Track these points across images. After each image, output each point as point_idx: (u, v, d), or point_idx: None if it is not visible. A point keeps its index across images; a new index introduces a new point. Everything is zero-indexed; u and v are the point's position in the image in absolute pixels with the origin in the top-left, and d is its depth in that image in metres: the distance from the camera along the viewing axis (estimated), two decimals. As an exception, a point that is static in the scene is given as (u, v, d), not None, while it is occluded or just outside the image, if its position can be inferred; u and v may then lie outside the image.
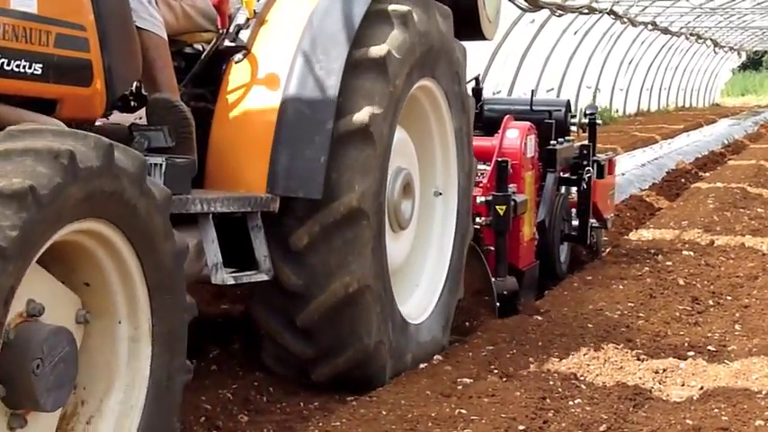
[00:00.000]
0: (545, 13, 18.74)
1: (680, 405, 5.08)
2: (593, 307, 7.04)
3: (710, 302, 7.36)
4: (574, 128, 8.55)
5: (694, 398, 5.19)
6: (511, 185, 6.96)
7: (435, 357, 5.84)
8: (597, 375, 5.52)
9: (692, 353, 6.00)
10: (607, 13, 22.29)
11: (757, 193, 13.37)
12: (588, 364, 5.66)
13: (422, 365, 5.68)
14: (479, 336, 6.33)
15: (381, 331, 5.21)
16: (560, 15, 19.60)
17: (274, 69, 5.03)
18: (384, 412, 4.82)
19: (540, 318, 6.73)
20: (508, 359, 5.77)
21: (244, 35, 5.16)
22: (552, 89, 23.12)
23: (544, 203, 7.94)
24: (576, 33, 23.76)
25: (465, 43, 6.12)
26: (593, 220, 8.55)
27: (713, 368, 5.66)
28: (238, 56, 5.08)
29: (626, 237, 10.12)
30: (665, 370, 5.63)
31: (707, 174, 16.12)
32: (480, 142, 7.18)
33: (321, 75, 4.93)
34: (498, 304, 6.76)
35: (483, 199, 6.88)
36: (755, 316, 6.91)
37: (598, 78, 28.07)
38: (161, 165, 4.28)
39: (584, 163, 8.39)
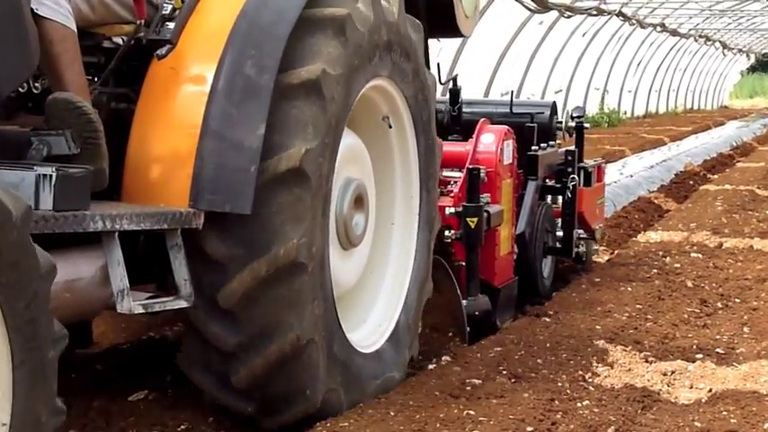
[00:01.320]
0: (553, 14, 18.76)
1: (688, 407, 5.07)
2: (602, 309, 7.03)
3: (719, 305, 7.34)
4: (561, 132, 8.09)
5: (703, 400, 5.18)
6: (484, 195, 6.48)
7: (443, 358, 5.84)
8: (605, 377, 5.52)
9: (700, 355, 5.99)
10: (616, 15, 22.29)
11: (766, 196, 13.34)
12: (596, 366, 5.66)
13: (430, 366, 5.69)
14: (487, 338, 6.33)
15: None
16: (569, 17, 19.61)
17: (201, 66, 4.43)
18: (392, 413, 4.82)
19: (548, 319, 6.73)
20: (516, 360, 5.76)
21: (170, 27, 4.52)
22: (561, 90, 23.11)
23: (524, 214, 7.37)
24: (584, 35, 23.75)
25: (477, 44, 6.12)
26: (580, 231, 8.08)
27: (722, 370, 5.65)
28: (162, 51, 4.40)
29: (634, 239, 10.11)
30: (673, 372, 5.62)
31: (715, 176, 16.10)
32: (453, 147, 6.83)
33: (253, 72, 4.33)
34: (468, 328, 6.19)
35: (453, 210, 6.38)
36: (764, 318, 6.89)
37: (606, 80, 28.05)
38: (50, 176, 3.65)
39: (569, 170, 7.88)
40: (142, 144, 4.37)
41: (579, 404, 5.00)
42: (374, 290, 5.36)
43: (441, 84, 7.12)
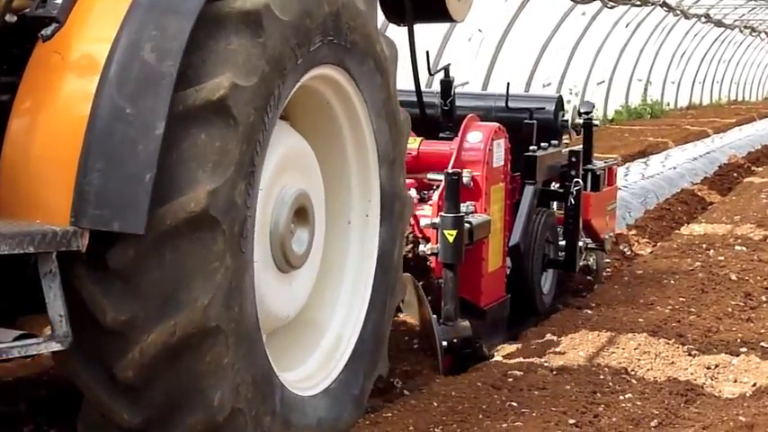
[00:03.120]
0: (596, 5, 18.63)
1: (732, 401, 5.05)
2: (644, 301, 7.00)
3: (763, 298, 7.29)
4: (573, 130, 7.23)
5: (747, 394, 5.16)
6: (467, 203, 5.68)
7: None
8: (648, 370, 5.50)
9: (744, 349, 5.96)
10: (659, 5, 22.09)
11: (811, 188, 13.21)
12: (639, 359, 5.65)
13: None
14: (529, 329, 6.33)
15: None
16: (612, 7, 19.45)
17: (91, 49, 3.59)
18: (435, 403, 4.84)
19: (589, 312, 6.72)
20: (558, 353, 5.76)
21: (57, 2, 3.66)
22: (603, 82, 22.98)
23: (519, 223, 6.51)
24: (627, 26, 23.58)
25: (518, 36, 5.92)
26: (587, 241, 7.26)
27: (766, 365, 5.61)
28: (47, 31, 3.56)
29: (677, 231, 10.05)
30: (716, 366, 5.60)
31: (760, 168, 15.96)
32: (437, 147, 6.16)
33: (152, 58, 3.49)
34: (443, 356, 5.46)
35: (429, 221, 5.63)
36: (809, 312, 6.84)
37: (650, 71, 27.85)
38: None
39: (572, 173, 6.96)
40: (18, 147, 3.55)
41: (621, 397, 4.99)
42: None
43: (430, 74, 6.78)
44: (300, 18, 3.90)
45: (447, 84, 6.66)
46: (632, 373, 5.45)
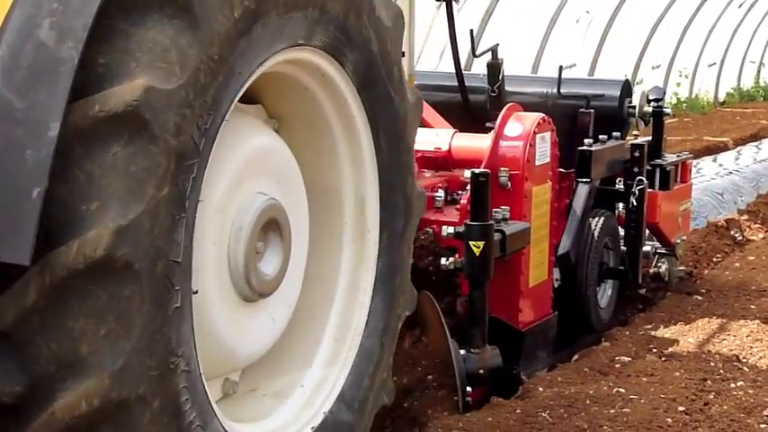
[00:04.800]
0: (709, -15, 18.26)
1: None
2: (756, 288, 6.88)
3: None
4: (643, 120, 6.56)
5: None
6: (500, 209, 4.94)
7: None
8: (760, 358, 5.41)
9: None
10: (774, -15, 21.53)
11: None
12: (751, 347, 5.56)
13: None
14: (637, 315, 6.26)
15: None
16: (725, -13, 19.03)
17: None
18: (541, 388, 4.83)
19: (699, 298, 6.63)
20: (667, 339, 5.69)
21: None
22: (714, 63, 22.52)
23: (570, 228, 5.78)
24: (740, 6, 23.04)
25: (627, 17, 5.53)
26: (656, 246, 6.66)
27: None
28: None
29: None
30: (832, 354, 5.47)
31: None
32: (471, 141, 5.45)
33: (51, 38, 2.73)
34: (469, 391, 4.67)
35: (451, 231, 4.81)
36: None
37: (762, 53, 27.17)
38: None
39: (635, 170, 6.22)
40: None
41: (733, 384, 4.92)
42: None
43: (475, 56, 6.21)
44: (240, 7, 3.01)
45: (494, 66, 6.00)
46: (744, 360, 5.36)
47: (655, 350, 5.49)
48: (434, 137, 5.47)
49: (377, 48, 3.60)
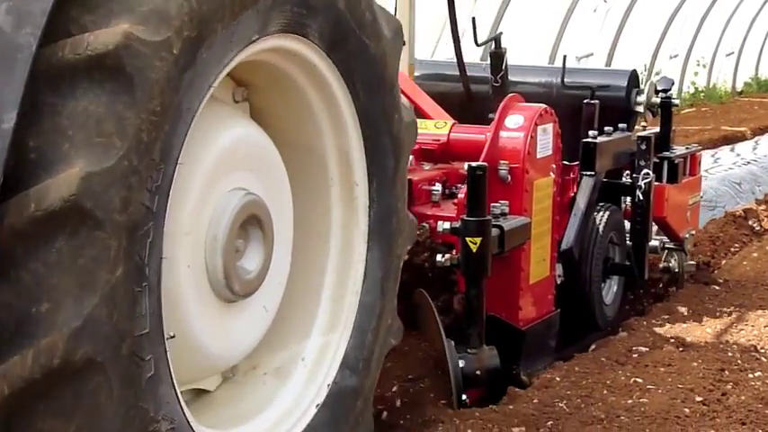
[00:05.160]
0: (727, -27, 18.17)
1: None
2: (775, 277, 6.84)
3: None
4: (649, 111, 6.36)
5: None
6: (499, 204, 4.78)
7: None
8: (779, 348, 5.38)
9: None
10: (793, -27, 21.39)
11: None
12: (769, 337, 5.53)
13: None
14: (655, 305, 6.24)
15: None
16: (743, -24, 18.92)
17: None
18: (558, 378, 4.83)
19: (717, 288, 6.59)
20: (684, 329, 5.67)
21: None
22: (732, 53, 22.40)
23: (574, 223, 5.62)
24: (758, -5, 22.90)
25: (645, 5, 5.47)
26: (664, 240, 6.46)
27: None
28: None
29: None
30: None
31: None
32: (470, 133, 5.27)
33: (7, 23, 2.54)
34: (459, 391, 4.50)
35: (447, 227, 4.65)
36: None
37: (781, 42, 27.02)
38: None
39: (641, 162, 6.05)
40: None
41: (751, 375, 4.89)
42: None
43: (477, 45, 5.99)
44: None
45: (497, 56, 5.76)
46: (762, 350, 5.32)
47: (672, 340, 5.47)
48: (433, 128, 5.31)
49: (343, 3, 3.38)
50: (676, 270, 6.60)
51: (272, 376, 3.58)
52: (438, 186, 5.01)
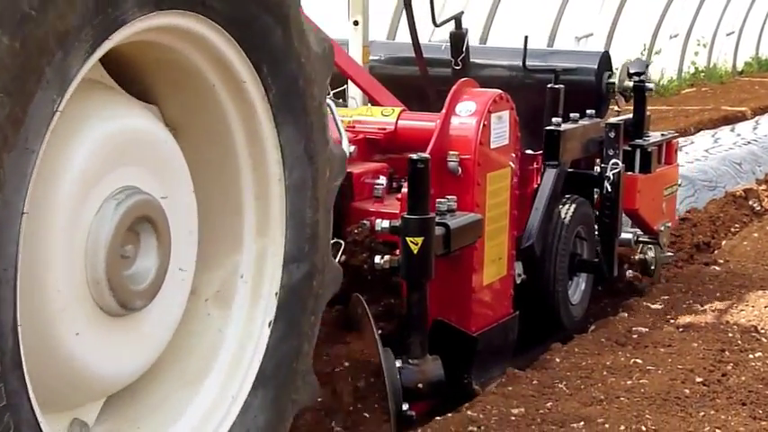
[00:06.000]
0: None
1: None
2: (775, 257, 6.83)
3: None
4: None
5: None
6: (446, 199, 4.33)
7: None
8: (779, 328, 5.37)
9: None
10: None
11: None
12: (769, 317, 5.51)
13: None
14: (654, 286, 6.23)
15: None
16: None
17: None
18: (558, 359, 4.82)
19: (717, 268, 6.56)
20: (684, 309, 5.65)
21: None
22: (732, 32, 22.33)
23: (535, 217, 5.16)
24: (759, -26, 22.82)
25: None
26: (638, 233, 6.02)
27: None
28: None
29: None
30: None
31: None
32: (419, 121, 4.83)
33: None
34: (405, 407, 4.04)
35: (386, 225, 4.17)
36: None
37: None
38: None
39: (610, 152, 5.60)
40: None
41: (751, 355, 4.88)
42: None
43: (436, 25, 5.52)
44: None
45: (458, 37, 5.35)
46: (762, 331, 5.29)
47: (672, 321, 5.45)
48: (380, 115, 4.92)
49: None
50: (652, 266, 6.15)
51: (213, 302, 3.18)
52: (382, 180, 4.59)
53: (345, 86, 5.36)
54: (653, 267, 6.17)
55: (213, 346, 3.13)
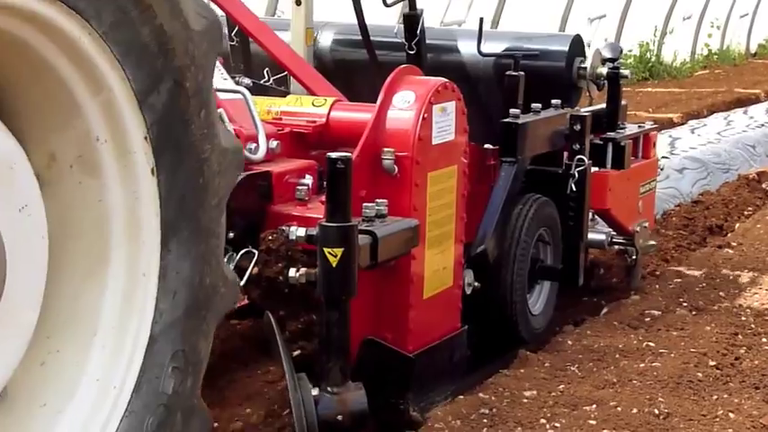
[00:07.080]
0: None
1: None
2: (789, 239, 6.79)
3: None
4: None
5: None
6: (375, 203, 3.81)
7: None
8: (793, 312, 5.34)
9: None
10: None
11: None
12: (784, 300, 5.49)
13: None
14: (667, 268, 6.20)
15: None
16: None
17: None
18: (570, 342, 4.80)
19: (730, 251, 6.52)
20: (697, 292, 5.62)
21: None
22: (746, 14, 22.20)
23: (489, 221, 4.64)
24: (773, -45, 22.66)
25: None
26: (611, 234, 5.50)
27: None
28: None
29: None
30: None
31: None
32: (352, 114, 4.29)
33: None
34: None
35: (301, 233, 3.63)
36: None
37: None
38: None
39: (576, 147, 5.02)
40: None
41: (764, 339, 4.86)
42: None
43: (386, 5, 4.87)
44: None
45: (412, 19, 4.85)
46: (776, 314, 5.29)
47: (685, 304, 5.43)
48: (310, 106, 4.37)
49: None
50: (633, 253, 5.57)
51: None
52: (308, 180, 4.05)
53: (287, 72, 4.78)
54: (634, 257, 5.58)
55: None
